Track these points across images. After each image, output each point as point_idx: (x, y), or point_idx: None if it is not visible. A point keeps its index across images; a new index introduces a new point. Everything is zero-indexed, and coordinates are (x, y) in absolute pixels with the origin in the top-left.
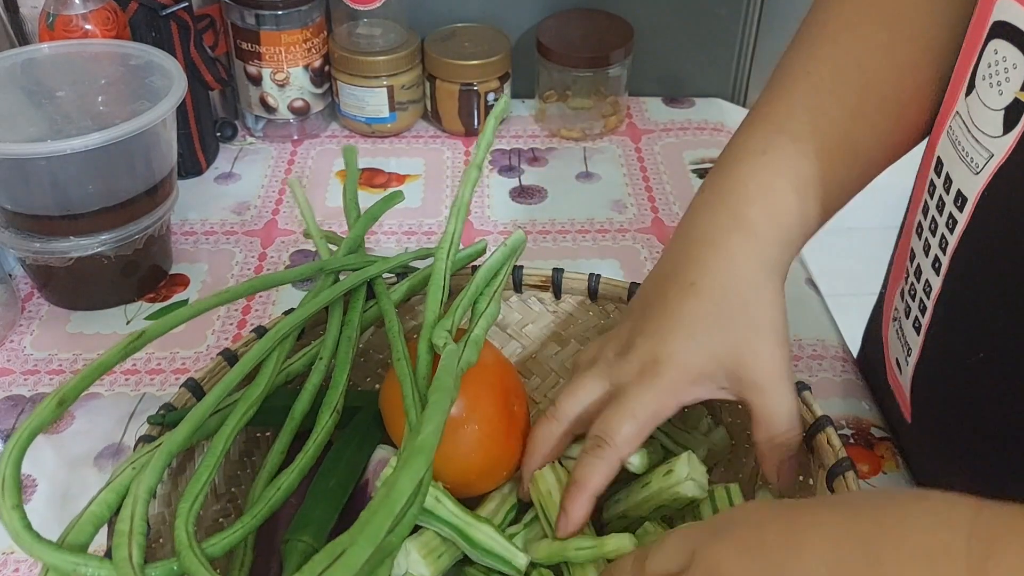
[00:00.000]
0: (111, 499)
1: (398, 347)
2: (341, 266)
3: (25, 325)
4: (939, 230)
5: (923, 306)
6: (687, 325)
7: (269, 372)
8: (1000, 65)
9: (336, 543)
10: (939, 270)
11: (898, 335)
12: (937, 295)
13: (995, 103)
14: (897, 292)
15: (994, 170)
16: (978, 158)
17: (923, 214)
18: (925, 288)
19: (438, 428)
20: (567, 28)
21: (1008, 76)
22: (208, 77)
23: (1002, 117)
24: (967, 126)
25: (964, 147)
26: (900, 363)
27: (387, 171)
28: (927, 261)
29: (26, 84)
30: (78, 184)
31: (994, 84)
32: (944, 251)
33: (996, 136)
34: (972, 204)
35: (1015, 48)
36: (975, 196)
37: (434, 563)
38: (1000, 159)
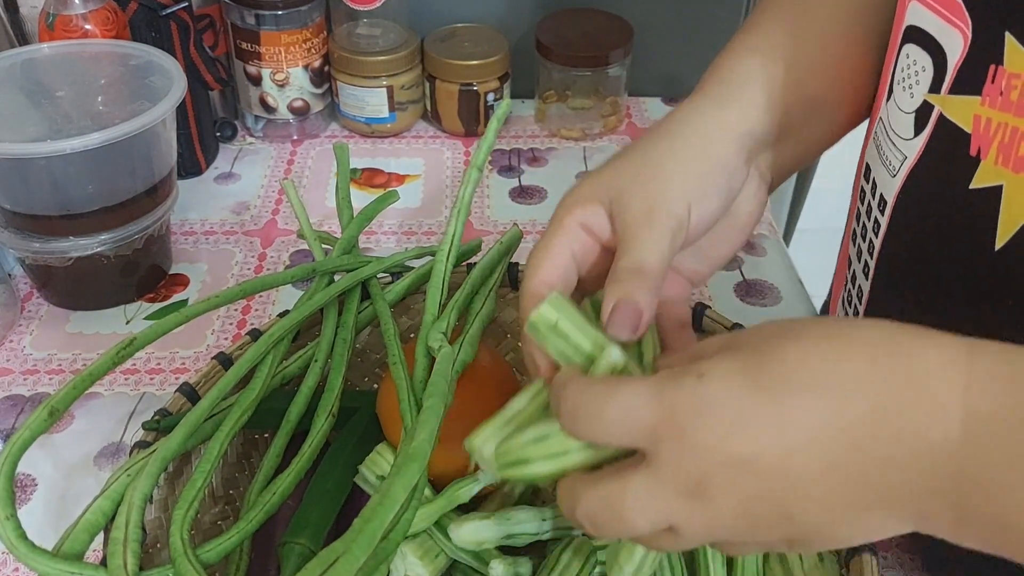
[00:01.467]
0: (106, 506)
1: (394, 350)
2: (335, 267)
3: (24, 325)
4: (868, 235)
5: (857, 311)
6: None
7: (264, 375)
8: (912, 68)
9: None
10: (868, 275)
11: None
12: (867, 300)
13: (907, 106)
14: (839, 300)
15: (907, 172)
16: (895, 161)
17: (856, 220)
18: (858, 294)
19: (432, 433)
20: (567, 28)
21: (918, 79)
22: (208, 77)
23: (913, 119)
24: (886, 130)
25: (884, 151)
26: None
27: (387, 171)
28: (859, 266)
29: (26, 84)
30: (78, 184)
31: (907, 87)
32: (871, 255)
33: (908, 139)
34: (891, 207)
35: (924, 51)
36: (892, 198)
37: (431, 563)
38: (912, 160)
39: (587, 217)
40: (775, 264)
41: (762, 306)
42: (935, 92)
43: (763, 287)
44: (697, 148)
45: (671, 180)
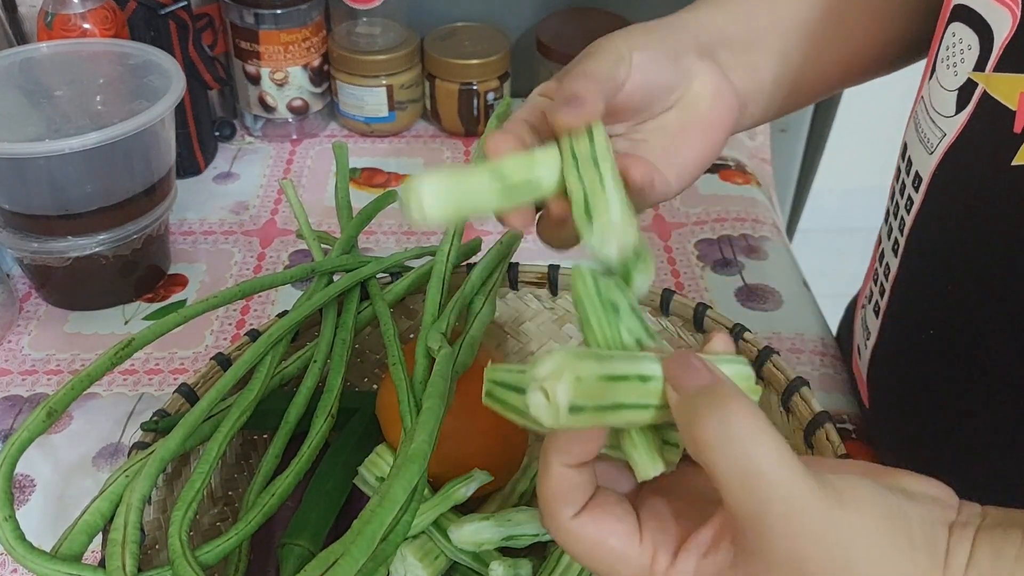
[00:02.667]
0: (104, 508)
1: (393, 351)
2: (334, 267)
3: (23, 325)
4: (900, 212)
5: (883, 289)
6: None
7: (263, 376)
8: (957, 47)
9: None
10: (897, 251)
11: (862, 322)
12: (895, 276)
13: (951, 84)
14: (868, 283)
15: (946, 149)
16: (933, 138)
17: (890, 200)
18: (885, 271)
19: (431, 435)
20: (567, 27)
21: (963, 57)
22: (207, 76)
23: (955, 97)
24: (927, 108)
25: (923, 129)
26: (860, 349)
27: (386, 171)
28: (889, 244)
29: (24, 83)
30: (76, 184)
31: (951, 65)
32: (902, 232)
33: (949, 116)
34: (926, 183)
35: (971, 30)
36: (928, 175)
37: (431, 565)
38: (952, 137)
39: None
40: (777, 267)
41: (763, 311)
42: (980, 71)
43: (764, 291)
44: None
45: (616, 36)
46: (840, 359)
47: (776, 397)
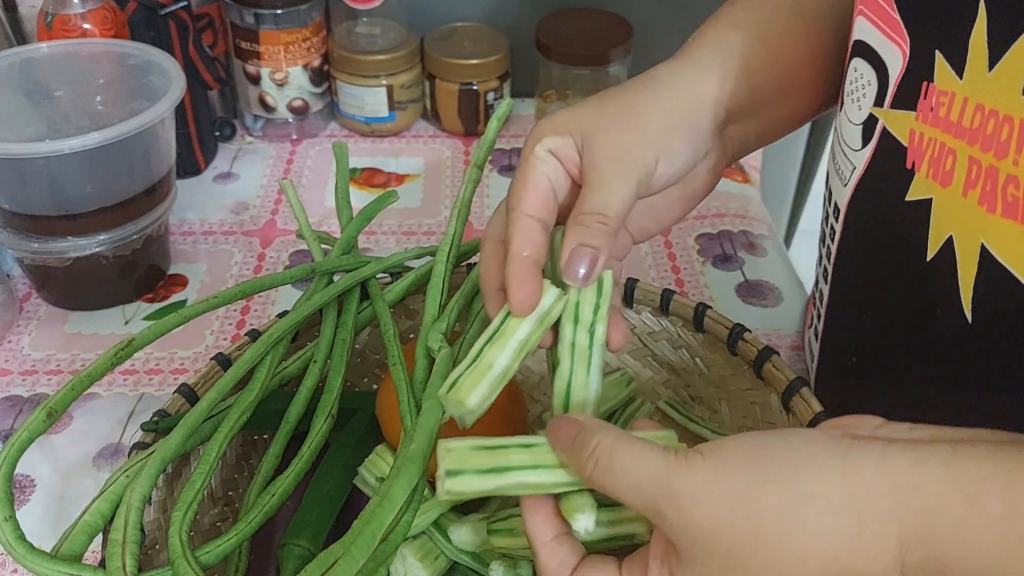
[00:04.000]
0: (105, 508)
1: (393, 351)
2: (334, 267)
3: (23, 325)
4: (826, 240)
5: (819, 314)
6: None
7: (263, 376)
8: (859, 82)
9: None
10: (827, 278)
11: (807, 344)
12: (827, 303)
13: (856, 118)
14: (810, 306)
15: (856, 181)
16: (846, 170)
17: (821, 228)
18: (820, 297)
19: (431, 435)
20: (567, 27)
21: (864, 92)
22: (207, 76)
23: (861, 131)
24: (840, 141)
25: (838, 161)
26: (809, 370)
27: (386, 171)
28: (820, 270)
29: (24, 84)
30: (76, 184)
31: (855, 100)
32: (830, 260)
33: (857, 149)
34: (843, 215)
35: (869, 66)
36: (844, 206)
37: (431, 565)
38: (860, 171)
39: (558, 146)
40: (776, 264)
41: (763, 307)
42: (879, 106)
43: (764, 288)
44: (675, 106)
45: (646, 131)
46: None
47: (776, 397)
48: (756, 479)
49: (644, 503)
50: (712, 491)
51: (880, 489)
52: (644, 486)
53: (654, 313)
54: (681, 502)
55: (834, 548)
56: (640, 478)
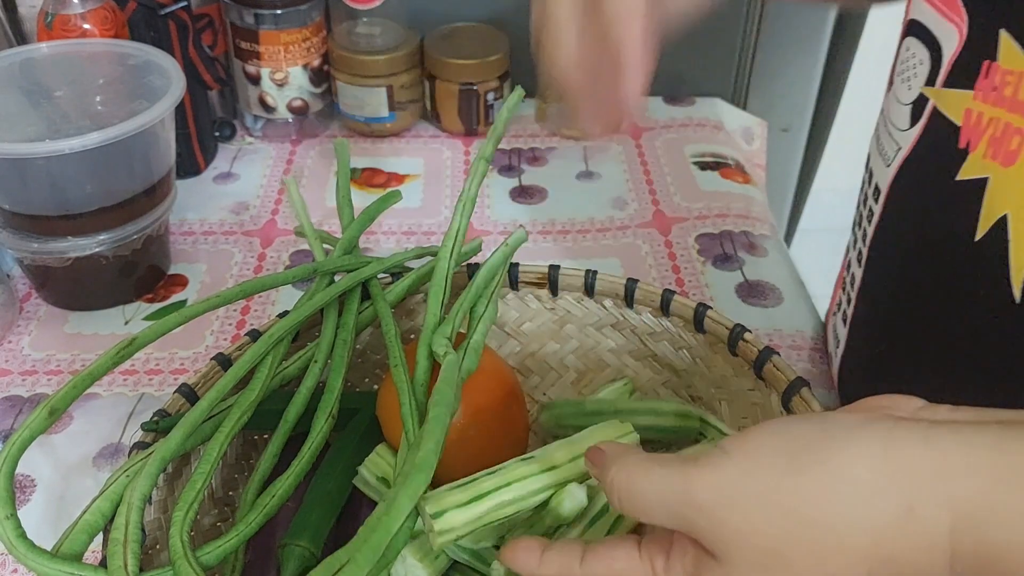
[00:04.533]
0: (105, 507)
1: (395, 352)
2: (336, 267)
3: (23, 325)
4: (863, 223)
5: (849, 298)
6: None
7: (263, 376)
8: (911, 62)
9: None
10: (861, 261)
11: (833, 329)
12: (859, 286)
13: (905, 98)
14: (837, 291)
15: (901, 162)
16: (890, 151)
17: (857, 211)
18: (851, 280)
19: (439, 443)
20: None
21: (916, 72)
22: (207, 77)
23: (910, 111)
24: (886, 122)
25: (883, 142)
26: (832, 356)
27: (386, 171)
28: (854, 253)
29: (24, 84)
30: (76, 184)
31: (905, 80)
32: (865, 242)
33: (904, 130)
34: (884, 195)
35: (923, 45)
36: (886, 187)
37: (431, 565)
38: (906, 151)
39: None
40: (777, 264)
41: (763, 307)
42: (931, 85)
43: (764, 288)
44: None
45: None
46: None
47: (776, 397)
48: (790, 468)
49: (675, 520)
50: (743, 489)
51: (927, 471)
52: (669, 503)
53: (654, 314)
54: (711, 509)
55: (879, 535)
56: (664, 496)
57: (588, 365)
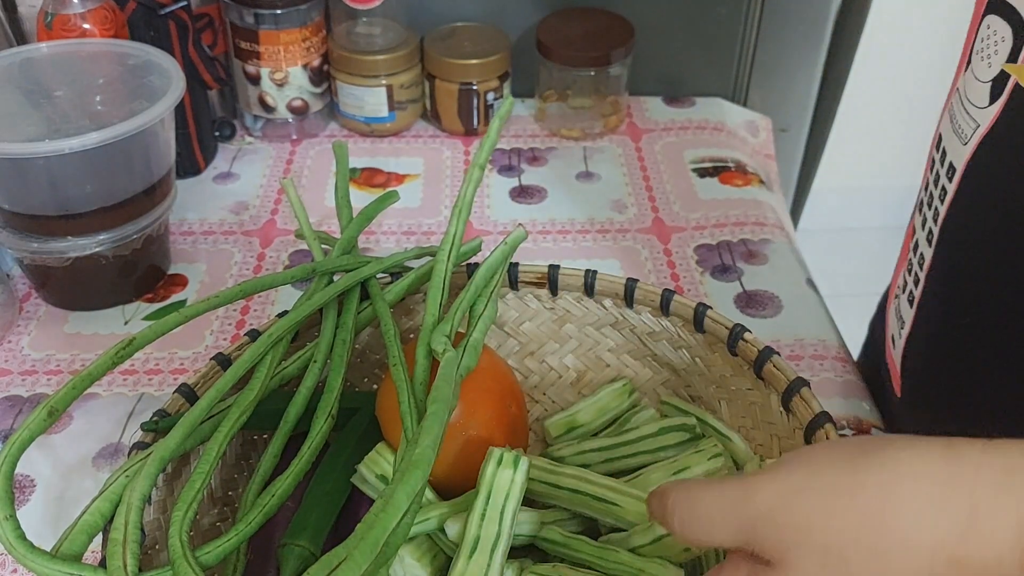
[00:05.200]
0: (104, 507)
1: (394, 351)
2: (335, 267)
3: (23, 325)
4: (934, 202)
5: (917, 278)
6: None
7: (263, 376)
8: (992, 39)
9: (333, 554)
10: (931, 241)
11: (895, 312)
12: (929, 266)
13: (985, 75)
14: (901, 272)
15: (979, 139)
16: (967, 129)
17: (924, 190)
18: (920, 261)
19: (436, 440)
20: (567, 27)
21: (997, 49)
22: (206, 76)
23: (989, 88)
24: (962, 100)
25: (957, 120)
26: (895, 339)
27: (386, 171)
28: (923, 234)
29: (24, 84)
30: (76, 184)
31: (985, 57)
32: (936, 222)
33: (983, 107)
34: (960, 173)
35: (1005, 22)
36: (962, 165)
37: (430, 564)
38: (985, 128)
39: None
40: (779, 269)
41: (762, 317)
42: (1012, 62)
43: (764, 298)
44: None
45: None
46: (842, 360)
47: (776, 397)
48: (851, 469)
49: (734, 531)
50: (804, 491)
51: (990, 472)
52: (729, 514)
53: (654, 313)
54: (771, 512)
55: (943, 533)
56: (723, 508)
57: (587, 365)
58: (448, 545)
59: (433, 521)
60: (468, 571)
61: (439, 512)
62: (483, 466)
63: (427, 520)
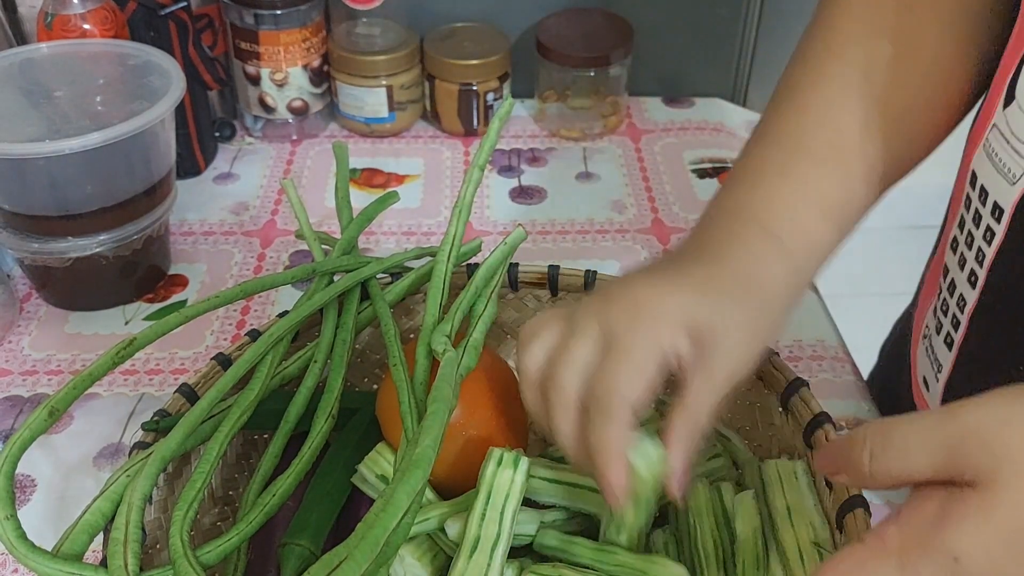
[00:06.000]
0: (105, 507)
1: (394, 351)
2: (335, 267)
3: (23, 326)
4: (975, 243)
5: (956, 321)
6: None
7: (263, 376)
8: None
9: (333, 554)
10: (975, 283)
11: (927, 352)
12: (973, 308)
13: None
14: (929, 310)
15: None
16: (1016, 168)
17: (959, 228)
18: (959, 303)
19: (436, 439)
20: (567, 28)
21: None
22: (207, 77)
23: None
24: (1005, 137)
25: (1002, 158)
26: (928, 381)
27: (386, 171)
28: (962, 275)
29: (24, 84)
30: (76, 184)
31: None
32: (981, 264)
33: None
34: (1009, 214)
35: None
36: (1011, 206)
37: (430, 564)
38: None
39: (685, 353)
40: None
41: None
42: None
43: None
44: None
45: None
46: (841, 360)
47: (775, 398)
48: None
49: (937, 452)
50: (1012, 422)
51: None
52: (932, 438)
53: None
54: (981, 432)
55: None
56: (925, 433)
57: None
58: (448, 545)
59: (433, 521)
60: (468, 571)
61: (439, 512)
62: (483, 466)
63: (427, 520)
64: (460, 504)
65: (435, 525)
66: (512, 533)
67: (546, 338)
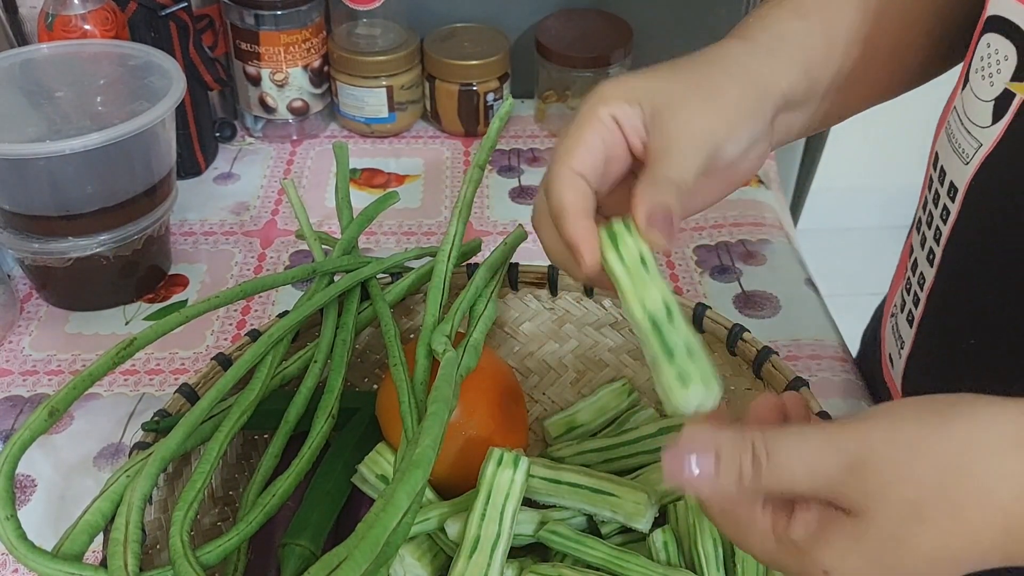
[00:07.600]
0: (105, 507)
1: (394, 351)
2: (335, 267)
3: (24, 326)
4: (934, 222)
5: (916, 299)
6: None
7: (263, 376)
8: (992, 58)
9: (333, 554)
10: (933, 261)
11: (893, 331)
12: (931, 286)
13: (986, 94)
14: (898, 290)
15: (982, 159)
16: (968, 148)
17: (922, 209)
18: (920, 281)
19: (436, 440)
20: (567, 28)
21: (999, 68)
22: (207, 77)
23: (992, 108)
24: (960, 119)
25: (957, 139)
26: (893, 358)
27: (386, 171)
28: (923, 254)
29: (25, 84)
30: (77, 184)
31: (986, 76)
32: (938, 242)
33: (985, 126)
34: (962, 194)
35: (1007, 40)
36: (964, 186)
37: (430, 564)
38: (988, 148)
39: (625, 116)
40: (778, 270)
41: (760, 318)
42: (1018, 81)
43: (762, 298)
44: (747, 90)
45: (720, 111)
46: (840, 360)
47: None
48: (937, 421)
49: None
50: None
51: None
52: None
53: None
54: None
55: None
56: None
57: (587, 365)
58: (448, 545)
59: (433, 521)
60: (468, 571)
61: (439, 512)
62: (483, 466)
63: (427, 520)
64: (460, 504)
65: (435, 525)
66: (512, 533)
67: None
